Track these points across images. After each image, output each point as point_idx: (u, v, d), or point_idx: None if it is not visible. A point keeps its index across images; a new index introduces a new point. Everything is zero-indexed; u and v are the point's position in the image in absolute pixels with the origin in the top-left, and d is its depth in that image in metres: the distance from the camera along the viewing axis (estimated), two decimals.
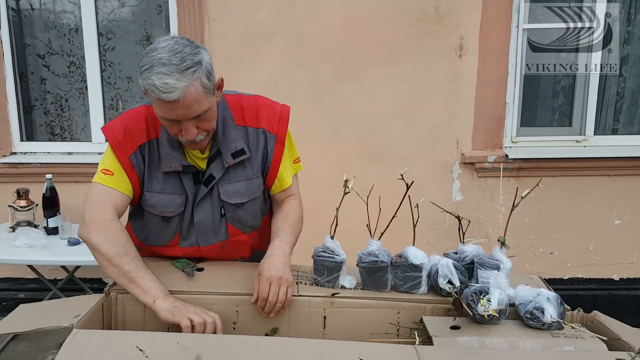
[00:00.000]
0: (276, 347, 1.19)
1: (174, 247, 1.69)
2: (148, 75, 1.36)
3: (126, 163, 1.56)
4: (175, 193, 1.60)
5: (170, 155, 1.57)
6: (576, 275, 3.54)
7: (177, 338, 1.20)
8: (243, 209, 1.66)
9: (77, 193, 3.36)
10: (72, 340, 1.17)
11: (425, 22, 3.19)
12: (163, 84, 1.34)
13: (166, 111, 1.41)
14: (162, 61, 1.36)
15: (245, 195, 1.64)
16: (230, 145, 1.59)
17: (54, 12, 3.42)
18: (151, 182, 1.59)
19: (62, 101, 3.56)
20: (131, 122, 1.59)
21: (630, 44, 3.40)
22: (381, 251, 1.52)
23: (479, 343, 1.28)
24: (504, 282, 1.44)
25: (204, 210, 1.63)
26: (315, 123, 3.29)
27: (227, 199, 1.62)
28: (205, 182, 1.60)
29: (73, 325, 1.26)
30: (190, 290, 1.51)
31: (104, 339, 1.20)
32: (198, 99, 1.40)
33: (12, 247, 2.90)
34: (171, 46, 1.39)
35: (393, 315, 1.49)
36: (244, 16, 3.20)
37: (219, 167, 1.60)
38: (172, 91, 1.35)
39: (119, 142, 1.56)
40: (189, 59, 1.38)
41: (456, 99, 3.29)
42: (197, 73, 1.38)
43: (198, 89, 1.39)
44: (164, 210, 1.62)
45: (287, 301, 1.48)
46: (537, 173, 3.29)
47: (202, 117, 1.45)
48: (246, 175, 1.63)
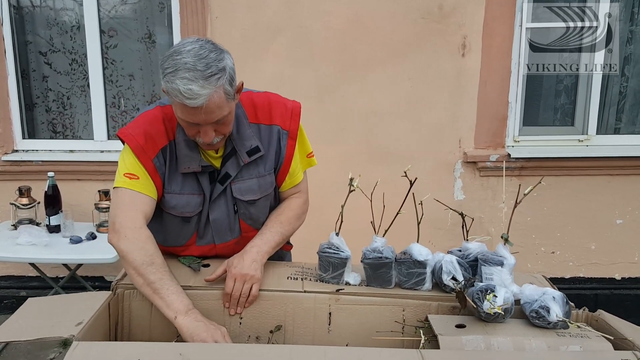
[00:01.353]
0: (281, 355, 1.18)
1: (191, 246, 1.69)
2: (172, 79, 1.35)
3: (150, 167, 1.54)
4: (193, 193, 1.60)
5: (188, 156, 1.56)
6: (578, 274, 3.54)
7: (179, 349, 1.18)
8: (255, 206, 1.67)
9: (79, 191, 3.36)
10: (73, 354, 1.15)
11: (428, 20, 3.19)
12: (187, 89, 1.33)
13: (188, 115, 1.41)
14: (187, 66, 1.34)
15: (258, 192, 1.64)
16: (246, 143, 1.59)
17: (55, 9, 3.42)
18: (170, 184, 1.59)
19: (64, 99, 3.56)
20: (150, 125, 1.56)
21: (632, 44, 3.39)
22: (385, 248, 1.52)
23: (484, 342, 1.28)
24: (507, 279, 1.45)
25: (219, 208, 1.63)
26: (320, 122, 3.29)
27: (239, 196, 1.62)
28: (220, 181, 1.60)
29: (73, 336, 1.25)
30: (197, 285, 1.52)
31: (104, 350, 1.18)
32: (220, 105, 1.40)
33: (14, 245, 2.90)
34: (196, 50, 1.37)
35: (398, 313, 1.49)
36: (247, 14, 3.20)
37: (234, 165, 1.60)
38: (196, 98, 1.34)
39: (141, 147, 1.53)
40: (214, 65, 1.36)
41: (459, 98, 3.29)
42: (221, 80, 1.37)
43: (221, 96, 1.39)
44: (184, 211, 1.61)
45: (252, 297, 1.49)
46: (540, 172, 3.29)
47: (222, 122, 1.45)
48: (258, 172, 1.63)
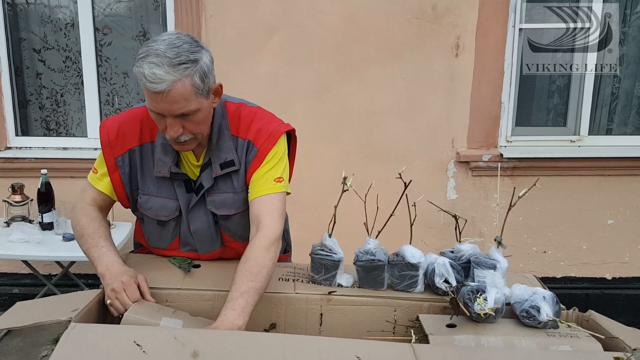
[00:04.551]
0: (274, 344, 1.19)
1: (174, 250, 1.69)
2: (141, 64, 1.36)
3: (111, 163, 1.58)
4: (169, 197, 1.60)
5: (161, 160, 1.56)
6: (569, 274, 3.57)
7: (174, 333, 1.20)
8: (231, 220, 1.63)
9: (72, 188, 3.35)
10: (70, 334, 1.17)
11: (422, 20, 3.20)
12: (151, 73, 1.34)
13: (152, 102, 1.41)
14: (158, 52, 1.35)
15: (232, 207, 1.60)
16: (222, 155, 1.56)
17: (49, 6, 3.40)
18: (146, 185, 1.60)
19: (57, 96, 3.55)
20: (126, 123, 1.58)
21: (625, 45, 3.42)
22: (378, 250, 1.53)
23: (474, 341, 1.29)
24: (500, 282, 1.45)
25: (199, 219, 1.62)
26: (315, 121, 3.29)
27: (214, 209, 1.60)
28: (196, 191, 1.59)
29: (71, 319, 1.26)
30: (186, 287, 1.52)
31: (101, 333, 1.20)
32: (185, 97, 1.38)
33: (7, 242, 2.89)
34: (171, 40, 1.39)
35: (389, 313, 1.50)
36: (243, 13, 3.19)
37: (209, 176, 1.58)
38: (159, 82, 1.34)
39: (109, 142, 1.57)
40: (184, 55, 1.37)
41: (452, 98, 3.30)
42: (189, 70, 1.37)
43: (186, 87, 1.37)
44: (159, 214, 1.61)
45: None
46: (532, 172, 3.31)
47: (189, 118, 1.43)
48: (233, 187, 1.59)
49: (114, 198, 1.64)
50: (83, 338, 1.16)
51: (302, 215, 2.89)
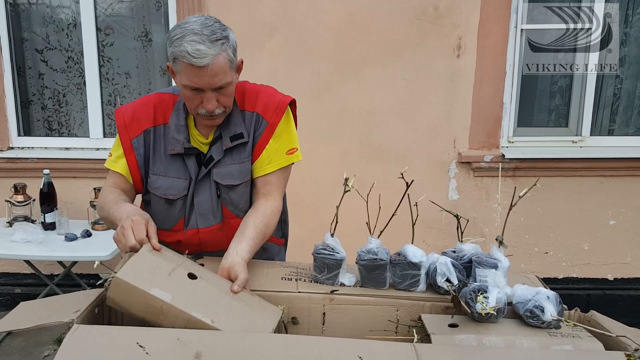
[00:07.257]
0: (276, 344, 1.20)
1: (178, 232, 1.71)
2: (180, 43, 1.46)
3: (127, 145, 1.66)
4: (179, 177, 1.67)
5: (175, 139, 1.64)
6: (571, 274, 3.57)
7: (177, 334, 1.20)
8: (235, 191, 1.69)
9: (74, 188, 3.36)
10: (73, 335, 1.17)
11: (424, 21, 3.20)
12: (195, 50, 1.45)
13: (193, 78, 1.50)
14: (195, 31, 1.47)
15: (237, 177, 1.67)
16: (231, 128, 1.66)
17: (51, 6, 3.41)
18: (156, 166, 1.67)
19: (59, 96, 3.55)
20: (140, 107, 1.68)
21: (627, 46, 3.42)
22: (380, 249, 1.53)
23: (476, 341, 1.29)
24: (502, 281, 1.45)
25: (203, 191, 1.68)
26: (315, 120, 3.30)
27: (219, 180, 1.66)
28: (205, 164, 1.67)
29: (74, 320, 1.27)
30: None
31: (104, 334, 1.20)
32: (224, 70, 1.50)
33: (9, 242, 2.89)
34: (202, 21, 1.50)
35: (392, 312, 1.50)
36: (243, 12, 3.20)
37: (219, 149, 1.66)
38: (203, 57, 1.45)
39: (124, 125, 1.66)
40: (218, 32, 1.49)
41: (454, 98, 3.31)
42: (225, 45, 1.50)
43: (225, 60, 1.50)
44: (167, 193, 1.67)
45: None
46: (534, 173, 3.31)
47: (223, 91, 1.55)
48: (240, 158, 1.67)
49: (130, 180, 1.70)
50: (86, 340, 1.17)
51: (302, 215, 2.88)
